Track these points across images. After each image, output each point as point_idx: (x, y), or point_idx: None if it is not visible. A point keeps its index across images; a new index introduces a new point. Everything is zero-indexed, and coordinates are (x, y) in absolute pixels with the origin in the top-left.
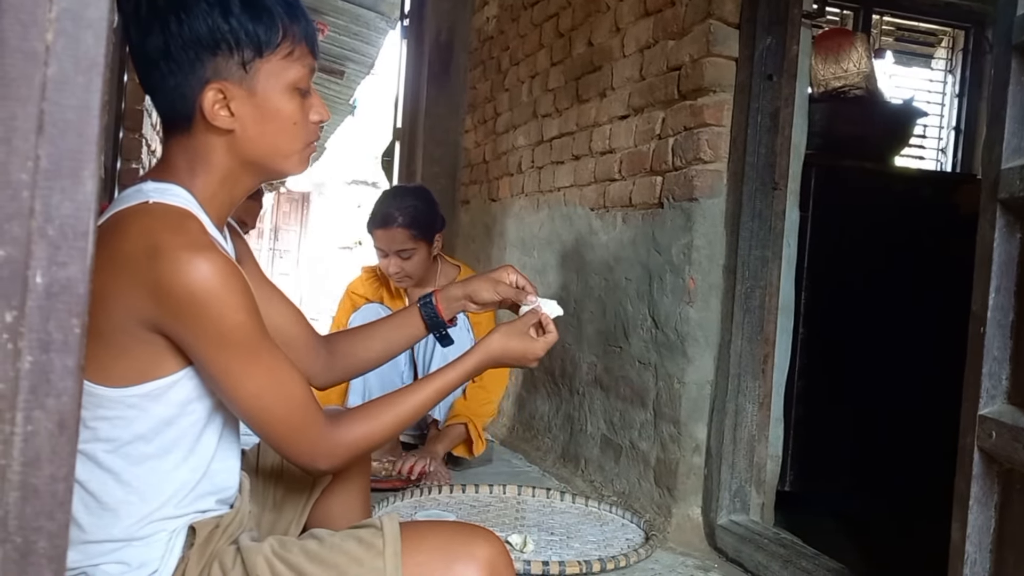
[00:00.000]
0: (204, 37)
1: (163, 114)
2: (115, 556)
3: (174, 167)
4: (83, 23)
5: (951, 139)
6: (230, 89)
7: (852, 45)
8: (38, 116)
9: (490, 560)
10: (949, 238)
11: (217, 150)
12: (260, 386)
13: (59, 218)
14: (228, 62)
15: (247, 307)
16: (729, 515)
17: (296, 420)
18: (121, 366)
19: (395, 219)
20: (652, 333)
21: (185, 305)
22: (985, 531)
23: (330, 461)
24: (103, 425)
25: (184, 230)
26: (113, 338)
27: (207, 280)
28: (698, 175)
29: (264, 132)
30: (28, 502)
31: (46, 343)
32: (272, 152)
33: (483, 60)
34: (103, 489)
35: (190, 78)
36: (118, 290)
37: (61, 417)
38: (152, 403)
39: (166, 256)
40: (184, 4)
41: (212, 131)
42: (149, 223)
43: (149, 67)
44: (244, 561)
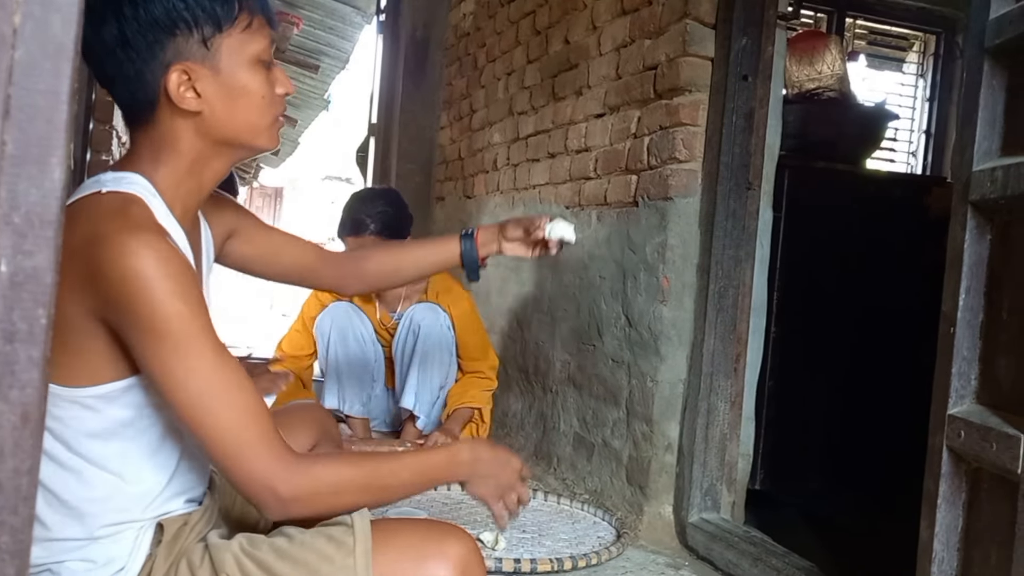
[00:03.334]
0: (161, 18)
1: (124, 105)
2: (80, 553)
3: (138, 157)
4: (51, 7)
5: (921, 142)
6: (194, 69)
7: (826, 47)
8: (5, 101)
9: (462, 558)
10: (919, 239)
11: (184, 135)
12: (204, 387)
13: (25, 205)
14: (188, 41)
15: (186, 295)
16: (700, 513)
17: (249, 435)
18: (76, 365)
19: (367, 226)
20: (626, 331)
21: (120, 290)
22: (953, 530)
23: (290, 490)
24: (58, 425)
25: (125, 214)
26: (67, 335)
27: (140, 264)
28: (673, 174)
29: (234, 109)
30: None
31: (10, 333)
32: (244, 129)
33: (459, 57)
34: (64, 488)
35: (150, 63)
36: (68, 284)
37: (25, 409)
38: (107, 405)
39: (104, 241)
40: None
41: (178, 115)
42: (96, 213)
43: (105, 57)
44: (212, 559)
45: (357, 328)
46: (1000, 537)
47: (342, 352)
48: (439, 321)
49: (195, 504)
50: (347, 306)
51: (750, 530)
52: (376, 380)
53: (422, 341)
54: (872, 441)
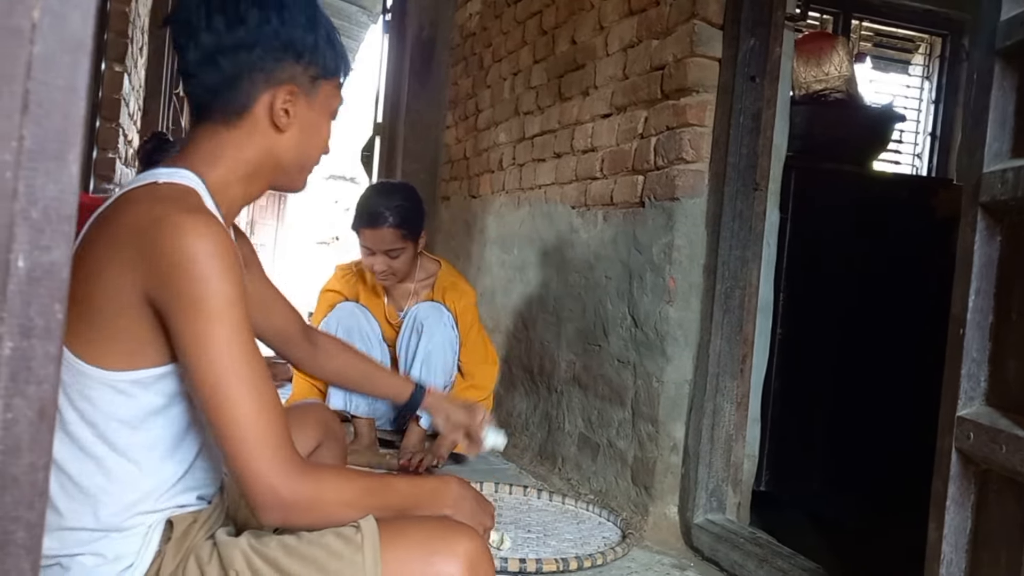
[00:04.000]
0: (296, 42)
1: (214, 101)
2: (92, 547)
3: (194, 156)
4: (70, 2)
5: (927, 144)
6: (297, 95)
7: (833, 49)
8: (23, 96)
9: (471, 555)
10: (925, 241)
11: (254, 145)
12: (231, 371)
13: (43, 200)
14: (303, 72)
15: (233, 279)
16: (705, 514)
17: (263, 430)
18: (114, 349)
19: (385, 219)
20: (632, 332)
21: (174, 264)
22: (962, 531)
23: (291, 496)
24: (88, 407)
25: (182, 199)
26: (109, 318)
27: (195, 242)
28: (680, 175)
29: (303, 142)
30: (7, 491)
31: (27, 329)
32: (300, 161)
33: (465, 56)
34: (83, 473)
35: (264, 74)
36: (119, 264)
37: (42, 405)
38: (141, 391)
39: (161, 221)
40: (284, 8)
41: (261, 127)
42: (153, 197)
43: (222, 53)
44: (221, 555)
45: (363, 328)
46: (1009, 539)
47: None
48: (443, 320)
49: (205, 502)
50: (353, 306)
51: (756, 531)
52: None
53: (425, 340)
54: (879, 442)
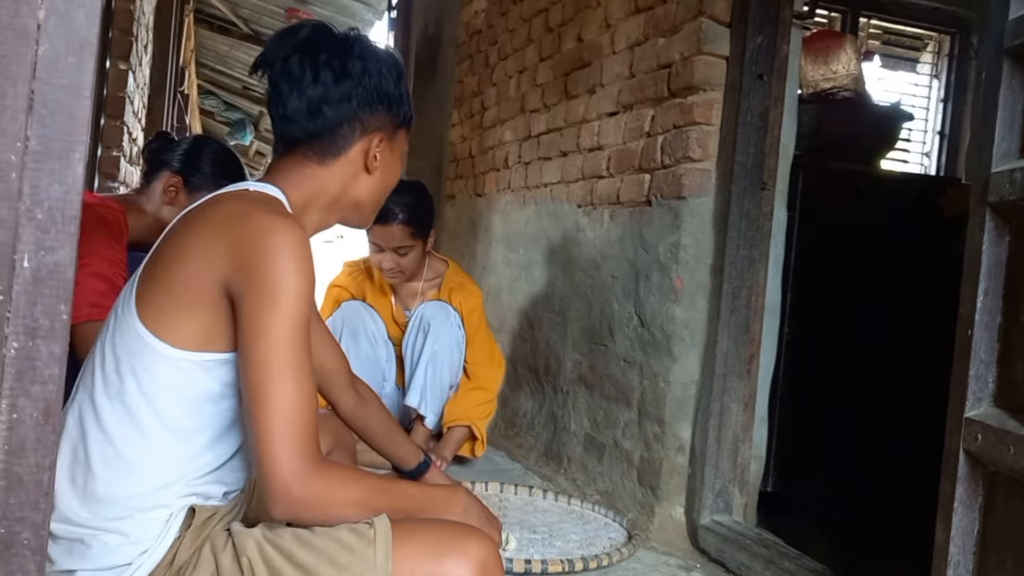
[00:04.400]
0: (388, 95)
1: (312, 140)
2: (118, 524)
3: (284, 179)
4: (75, 2)
5: (935, 143)
6: (385, 141)
7: (841, 47)
8: (28, 96)
9: (481, 557)
10: (933, 241)
11: (341, 182)
12: (283, 355)
13: (48, 201)
14: (389, 121)
15: (309, 279)
16: (712, 515)
17: (297, 420)
18: (185, 328)
19: (395, 216)
20: (638, 332)
21: (257, 256)
22: (969, 533)
23: (304, 492)
24: (151, 381)
25: (273, 204)
26: (186, 297)
27: (282, 240)
28: (687, 173)
29: (381, 182)
30: (12, 492)
31: (32, 329)
32: (375, 199)
33: (471, 54)
34: (129, 443)
35: (360, 122)
36: (204, 251)
37: (47, 405)
38: (202, 374)
39: (252, 217)
40: (383, 65)
41: (353, 168)
42: (245, 198)
43: (327, 105)
44: (235, 544)
45: (369, 327)
46: (1017, 541)
47: (353, 351)
48: (449, 320)
49: (227, 500)
50: (359, 305)
51: (762, 532)
52: (387, 379)
53: (431, 340)
54: (886, 443)
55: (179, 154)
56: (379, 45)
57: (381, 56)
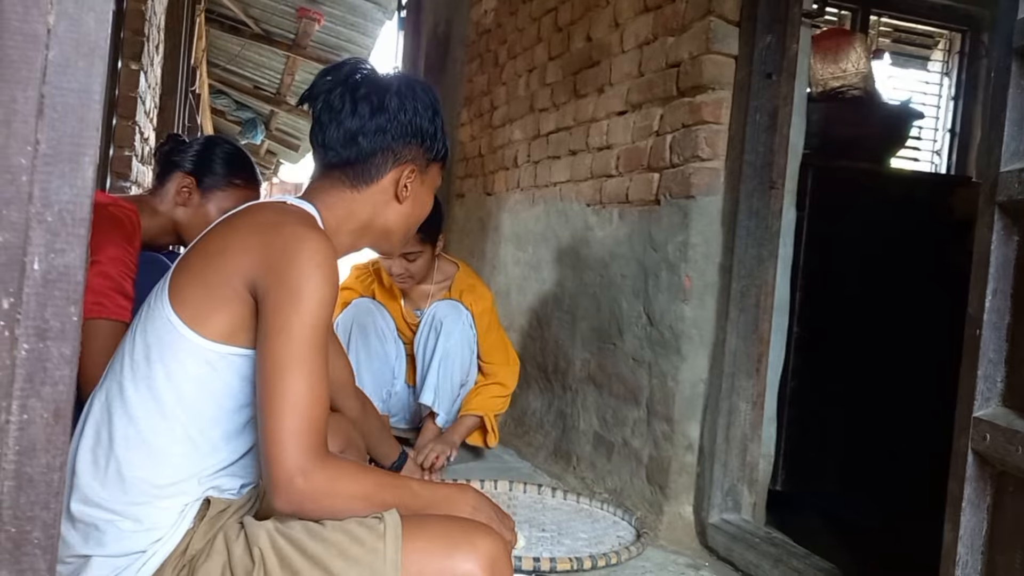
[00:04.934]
0: (422, 129)
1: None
2: (133, 511)
3: (319, 199)
4: (85, 5)
5: (946, 141)
6: (416, 172)
7: (851, 45)
8: (38, 100)
9: (490, 553)
10: (943, 240)
11: (372, 209)
12: (298, 357)
13: (58, 204)
14: (422, 153)
15: (333, 289)
16: (721, 514)
17: (307, 415)
18: (215, 319)
19: None
20: (647, 330)
21: (285, 260)
22: (977, 533)
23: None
24: (179, 369)
25: (310, 219)
26: (218, 291)
27: (312, 249)
28: (696, 173)
29: (412, 213)
30: (23, 491)
31: (43, 331)
32: (404, 229)
33: (480, 53)
34: (152, 428)
35: (394, 152)
36: (239, 247)
37: (57, 406)
38: (225, 367)
39: (288, 226)
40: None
41: (385, 196)
42: (284, 210)
43: (363, 136)
44: (247, 534)
45: (379, 324)
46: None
47: (363, 348)
48: (461, 319)
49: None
50: (369, 302)
51: (771, 531)
52: (396, 377)
53: (444, 339)
54: (895, 442)
55: (191, 155)
56: (418, 84)
57: (418, 94)
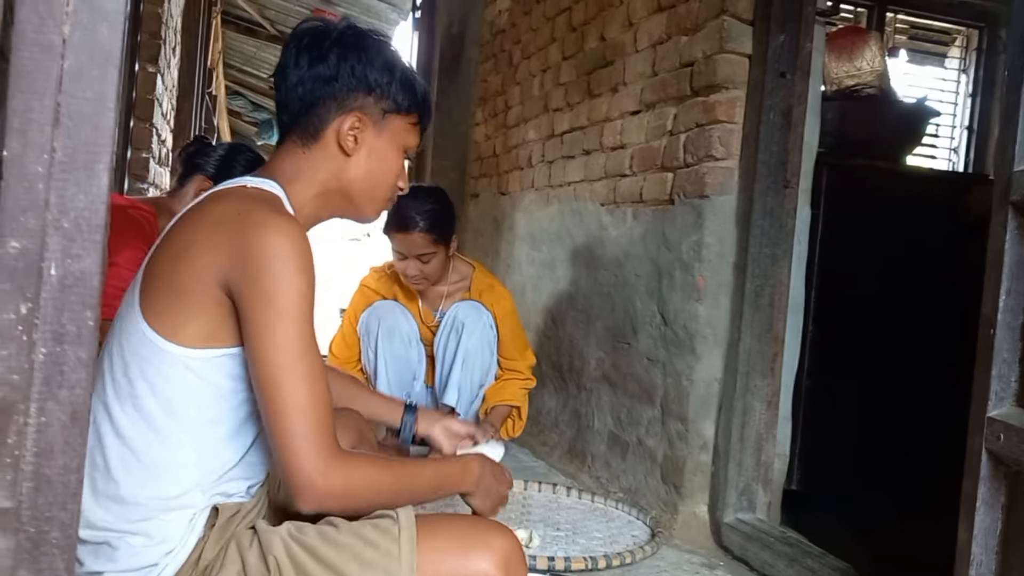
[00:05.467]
0: (370, 79)
1: (295, 124)
2: (142, 526)
3: (278, 171)
4: (99, 15)
5: (963, 139)
6: (365, 122)
7: (866, 44)
8: (54, 108)
9: (505, 552)
10: (960, 239)
11: (326, 167)
12: (292, 356)
13: (74, 210)
14: (374, 105)
15: (308, 278)
16: (736, 513)
17: (312, 416)
18: (191, 327)
19: (416, 223)
20: (661, 330)
21: (255, 256)
22: (991, 533)
23: (327, 485)
24: (163, 383)
25: (271, 201)
26: (187, 296)
27: (280, 239)
28: (709, 172)
29: (370, 168)
30: (41, 493)
31: (60, 335)
32: (366, 189)
33: (494, 53)
34: (148, 449)
35: (339, 101)
36: (204, 248)
37: (74, 409)
38: (211, 371)
39: (250, 215)
40: (365, 51)
41: (331, 149)
42: (244, 195)
43: (306, 84)
44: (261, 542)
45: (403, 326)
46: None
47: (387, 350)
48: (482, 320)
49: (249, 495)
50: (393, 304)
51: (786, 531)
52: (416, 378)
53: (465, 339)
54: (909, 441)
55: (214, 160)
56: (370, 34)
57: (367, 43)
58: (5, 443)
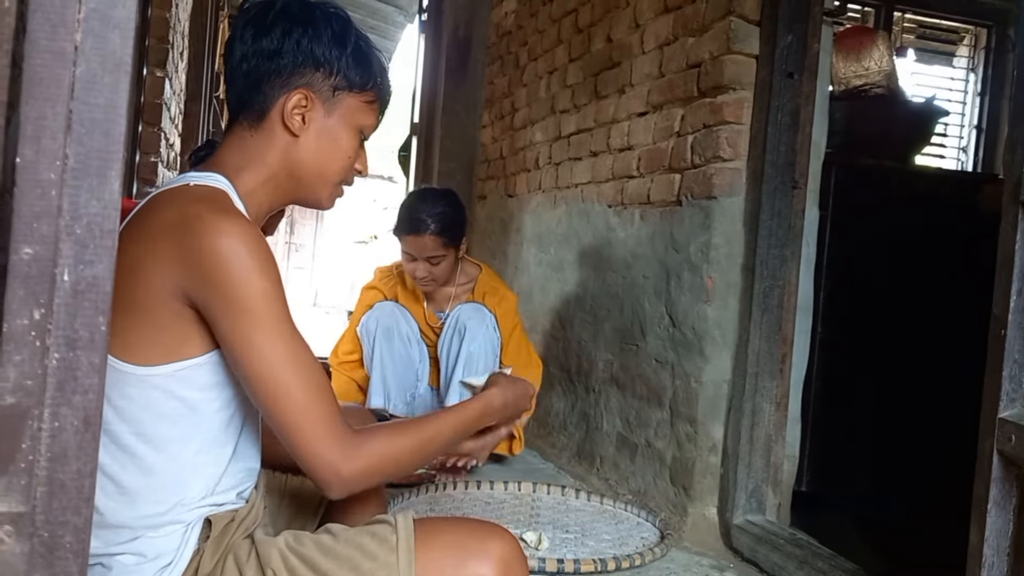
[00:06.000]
0: (316, 53)
1: (240, 104)
2: (132, 546)
3: (224, 162)
4: (110, 23)
5: (972, 138)
6: (313, 101)
7: (874, 43)
8: (66, 116)
9: (503, 557)
10: (969, 238)
11: (273, 150)
12: (280, 361)
13: (86, 216)
14: (322, 81)
15: (271, 275)
16: (745, 515)
17: (317, 410)
18: (150, 344)
19: (427, 226)
20: (669, 331)
21: (211, 266)
22: (1003, 535)
23: (351, 470)
24: (128, 405)
25: (215, 200)
26: (145, 313)
27: (231, 242)
28: (717, 173)
29: (320, 152)
30: (55, 497)
31: (73, 340)
32: (317, 171)
33: (501, 55)
34: (123, 473)
35: (284, 78)
36: (153, 260)
37: (87, 414)
38: (177, 385)
39: (196, 221)
40: (312, 24)
41: (278, 130)
42: (186, 198)
43: (251, 59)
44: (259, 554)
45: (402, 327)
46: None
47: (387, 351)
48: (485, 321)
49: (243, 500)
50: (393, 305)
51: (796, 532)
52: (420, 379)
53: (467, 342)
54: (920, 442)
55: None
56: (319, 7)
57: (314, 17)
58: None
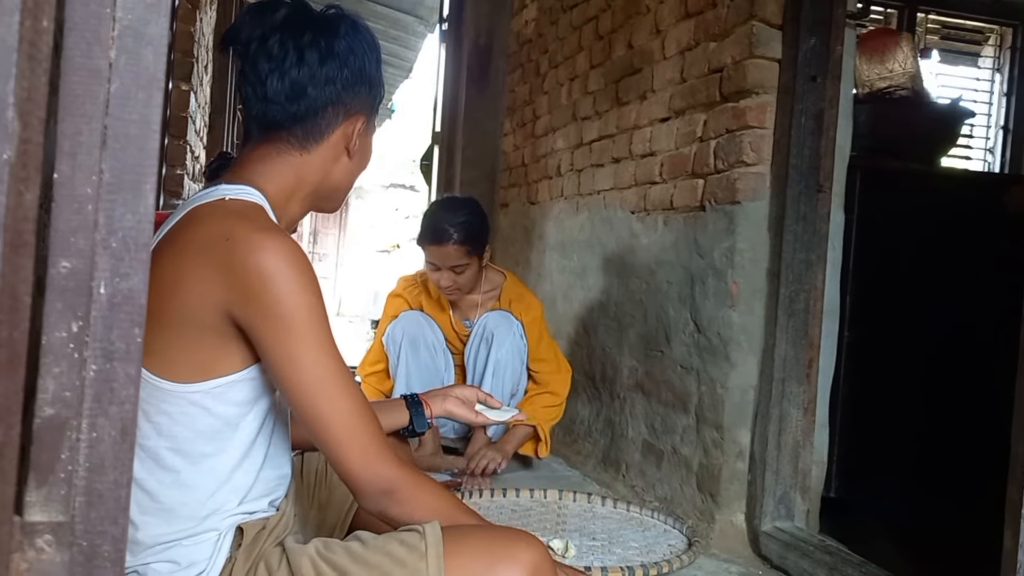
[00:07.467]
0: (369, 75)
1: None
2: (166, 555)
3: (251, 172)
4: (143, 40)
5: (999, 138)
6: (365, 122)
7: (897, 45)
8: (102, 131)
9: (533, 563)
10: (997, 240)
11: (322, 169)
12: (325, 375)
13: (122, 230)
14: (370, 103)
15: (314, 289)
16: (773, 521)
17: (359, 426)
18: (189, 361)
19: (450, 236)
20: (694, 337)
21: (255, 283)
22: None
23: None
24: (166, 421)
25: (254, 217)
26: (184, 330)
27: (274, 258)
28: (741, 178)
29: (359, 165)
30: (93, 507)
31: (109, 352)
32: (350, 184)
33: (522, 63)
34: (160, 488)
35: (344, 106)
36: (193, 277)
37: (124, 424)
38: (214, 401)
39: (239, 239)
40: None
41: (334, 152)
42: (225, 214)
43: (312, 87)
44: (289, 562)
45: (428, 336)
46: None
47: (413, 360)
48: (512, 329)
49: (274, 508)
50: (418, 314)
51: (825, 539)
52: (445, 384)
53: (495, 349)
54: (950, 446)
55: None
56: (361, 23)
57: (364, 36)
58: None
